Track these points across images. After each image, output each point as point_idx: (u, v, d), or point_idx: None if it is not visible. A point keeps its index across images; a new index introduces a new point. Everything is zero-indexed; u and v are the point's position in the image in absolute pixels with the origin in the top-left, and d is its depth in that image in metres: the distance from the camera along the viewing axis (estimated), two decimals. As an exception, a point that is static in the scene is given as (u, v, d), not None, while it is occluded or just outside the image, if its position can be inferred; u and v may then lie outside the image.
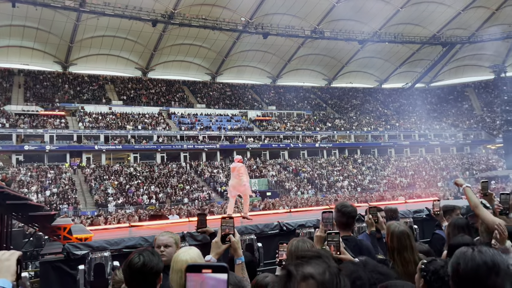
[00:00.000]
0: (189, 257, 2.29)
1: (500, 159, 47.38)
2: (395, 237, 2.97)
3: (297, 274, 1.13)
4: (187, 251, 2.37)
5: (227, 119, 46.63)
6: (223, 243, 2.52)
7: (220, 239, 2.52)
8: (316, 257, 1.18)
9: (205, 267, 1.06)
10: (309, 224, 5.83)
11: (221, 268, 1.05)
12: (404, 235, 2.97)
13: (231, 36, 47.76)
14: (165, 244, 3.07)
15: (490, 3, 48.54)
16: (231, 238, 2.51)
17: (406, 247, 2.90)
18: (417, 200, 15.05)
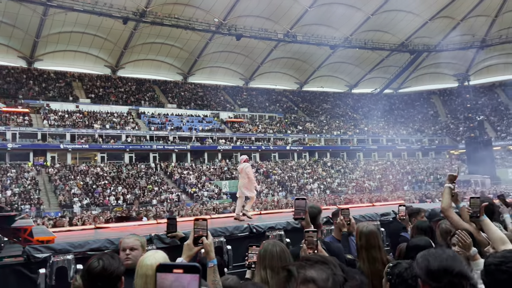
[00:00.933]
0: (155, 262, 2.22)
1: (462, 164, 49.23)
2: (363, 236, 3.05)
3: (298, 276, 1.09)
4: (152, 255, 2.29)
5: (199, 120, 46.27)
6: (196, 246, 2.47)
7: (192, 241, 2.47)
8: (321, 262, 1.13)
9: (176, 267, 1.03)
10: (279, 226, 5.82)
11: (192, 268, 1.03)
12: (372, 234, 3.05)
13: (203, 36, 47.48)
14: (130, 247, 2.99)
15: (455, 14, 50.45)
16: (204, 240, 2.46)
17: (374, 246, 2.98)
18: (384, 203, 15.35)
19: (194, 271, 1.03)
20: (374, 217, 6.82)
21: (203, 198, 33.10)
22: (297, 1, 44.71)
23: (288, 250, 2.67)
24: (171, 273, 1.03)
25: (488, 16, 51.14)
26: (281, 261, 2.51)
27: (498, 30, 52.61)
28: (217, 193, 35.07)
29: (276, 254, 2.57)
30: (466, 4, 48.99)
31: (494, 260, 1.92)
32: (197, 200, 32.26)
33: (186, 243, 2.51)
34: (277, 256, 2.55)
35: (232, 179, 38.90)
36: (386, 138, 53.34)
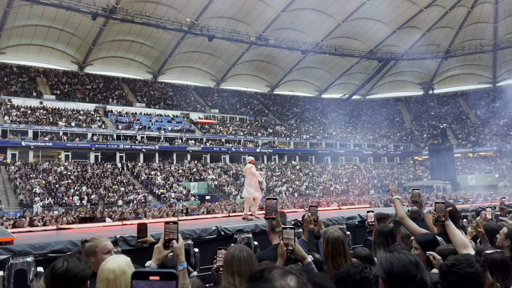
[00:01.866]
0: (116, 266, 2.14)
1: (426, 170, 50.97)
2: (330, 243, 3.05)
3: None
4: (115, 259, 2.23)
5: (168, 120, 45.68)
6: (166, 249, 2.45)
7: (162, 245, 2.45)
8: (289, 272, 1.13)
9: (152, 274, 1.01)
10: (247, 229, 5.83)
11: (169, 275, 1.01)
12: (338, 241, 3.05)
13: (175, 35, 46.95)
14: (110, 249, 2.97)
15: (421, 25, 52.24)
16: (174, 243, 2.44)
17: (340, 252, 2.98)
18: (351, 207, 15.67)
19: (171, 278, 1.01)
20: (340, 220, 6.95)
21: (171, 199, 32.67)
22: (269, 5, 45.00)
23: (254, 256, 2.65)
24: (147, 280, 1.00)
25: (452, 28, 53.26)
26: (249, 266, 2.49)
27: (461, 42, 54.88)
28: (185, 195, 34.72)
29: (244, 259, 2.55)
30: (431, 16, 50.83)
31: (447, 263, 2.06)
32: (164, 201, 31.80)
33: (156, 246, 2.49)
34: (245, 262, 2.53)
35: (201, 180, 38.65)
36: (353, 143, 54.47)
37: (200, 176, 39.50)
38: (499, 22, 51.57)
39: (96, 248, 2.93)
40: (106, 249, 2.96)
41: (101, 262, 2.74)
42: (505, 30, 51.93)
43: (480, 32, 52.93)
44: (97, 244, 2.96)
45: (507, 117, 54.60)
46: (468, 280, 1.97)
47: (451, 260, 2.06)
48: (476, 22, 52.02)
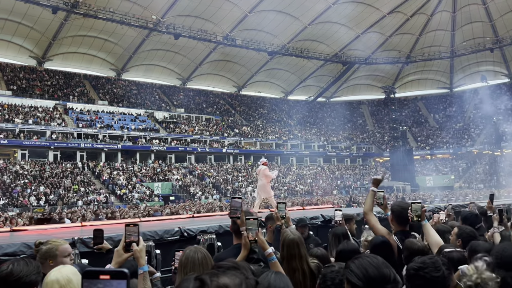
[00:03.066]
0: (61, 276, 2.06)
1: (387, 171, 52.50)
2: (285, 245, 3.00)
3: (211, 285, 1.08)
4: (58, 269, 2.13)
5: (131, 119, 44.67)
6: (126, 252, 2.39)
7: (122, 248, 2.40)
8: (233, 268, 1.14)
9: (103, 272, 1.00)
10: (211, 230, 5.77)
11: (120, 274, 1.00)
12: (292, 244, 2.99)
13: (140, 33, 45.95)
14: (70, 252, 2.87)
15: (384, 30, 53.85)
16: (134, 246, 2.38)
17: (294, 255, 2.93)
18: (314, 207, 15.88)
19: (121, 277, 1.00)
20: (304, 221, 7.02)
21: (134, 200, 31.96)
22: (237, 6, 44.97)
23: (210, 257, 2.63)
24: (98, 279, 0.99)
25: (413, 34, 55.25)
26: (203, 268, 2.47)
27: (421, 48, 57.03)
28: (149, 195, 34.07)
29: (198, 260, 2.53)
30: (394, 22, 52.52)
31: (414, 266, 2.03)
32: (127, 202, 31.06)
33: (116, 250, 2.43)
34: (199, 263, 2.50)
35: (165, 180, 38.05)
36: (317, 144, 55.37)
37: (164, 176, 38.88)
38: (456, 30, 54.00)
39: (56, 251, 2.80)
40: (66, 252, 2.85)
41: None
42: (461, 38, 54.43)
43: (438, 39, 55.21)
44: (57, 246, 2.83)
45: (462, 121, 57.28)
46: (435, 284, 1.98)
47: (418, 263, 2.04)
48: (435, 30, 54.23)
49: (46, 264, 2.69)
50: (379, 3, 48.56)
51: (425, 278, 1.97)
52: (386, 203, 4.10)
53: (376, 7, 49.33)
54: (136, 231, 2.43)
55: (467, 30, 53.04)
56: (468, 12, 50.90)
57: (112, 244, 4.22)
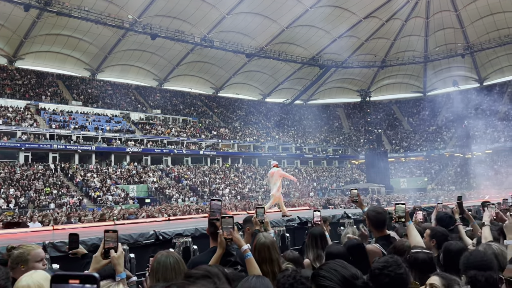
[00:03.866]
0: (31, 281, 2.00)
1: (362, 173, 53.35)
2: (256, 249, 3.03)
3: None
4: (29, 275, 2.07)
5: (106, 120, 43.83)
6: (105, 258, 2.37)
7: (101, 254, 2.37)
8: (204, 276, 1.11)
9: (72, 277, 0.99)
10: (187, 233, 5.69)
11: (90, 278, 0.99)
12: (263, 248, 3.02)
13: (116, 32, 45.17)
14: (42, 257, 2.81)
15: (360, 34, 54.77)
16: (112, 253, 2.37)
17: (265, 259, 2.96)
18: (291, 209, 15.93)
19: (91, 282, 0.98)
20: (280, 222, 7.03)
21: (108, 202, 31.33)
22: (215, 7, 44.83)
23: (182, 262, 2.59)
24: (67, 283, 0.98)
25: (388, 39, 56.40)
26: (175, 273, 2.44)
27: (396, 53, 58.28)
28: (124, 198, 33.47)
29: (170, 265, 2.48)
30: (370, 27, 53.48)
31: (378, 265, 2.11)
32: (101, 204, 30.42)
33: (94, 256, 2.41)
34: (171, 268, 2.46)
35: (140, 183, 37.48)
36: (295, 146, 55.73)
37: (139, 179, 38.30)
38: (429, 36, 55.46)
39: (27, 256, 2.73)
40: (38, 257, 2.78)
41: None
42: (434, 44, 55.93)
43: (412, 44, 56.56)
44: (29, 251, 2.76)
45: (435, 124, 58.82)
46: (399, 281, 2.05)
47: (381, 262, 2.12)
48: (409, 35, 55.53)
49: (17, 269, 2.64)
50: (355, 7, 49.36)
51: (390, 276, 2.04)
52: (360, 200, 4.19)
53: (353, 11, 50.12)
54: (115, 237, 2.42)
55: (439, 36, 54.54)
56: (441, 19, 52.37)
57: (86, 248, 4.11)
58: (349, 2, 48.09)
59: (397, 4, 50.44)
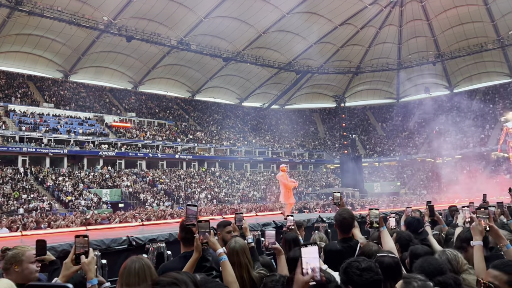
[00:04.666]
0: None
1: (337, 177, 54.02)
2: (226, 254, 3.04)
3: None
4: None
5: (79, 122, 42.85)
6: (76, 264, 2.33)
7: (71, 260, 2.34)
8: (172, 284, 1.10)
9: (45, 287, 0.99)
10: (160, 238, 5.61)
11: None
12: (233, 252, 3.07)
13: (90, 33, 44.31)
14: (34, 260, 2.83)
15: (336, 41, 55.63)
16: (83, 259, 2.34)
17: (234, 263, 2.98)
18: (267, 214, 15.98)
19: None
20: (256, 227, 7.02)
21: (80, 207, 30.58)
22: (192, 10, 44.64)
23: (151, 267, 2.55)
24: None
25: (362, 46, 57.49)
26: (138, 278, 2.41)
27: (370, 60, 59.47)
28: (96, 202, 32.74)
29: (134, 271, 2.44)
30: (345, 33, 54.41)
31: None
32: (73, 209, 29.65)
33: (65, 262, 2.37)
34: (135, 273, 2.43)
35: (114, 187, 36.78)
36: (271, 150, 55.96)
37: (113, 183, 37.58)
38: (403, 44, 56.89)
39: (22, 257, 2.75)
40: (32, 258, 2.80)
41: (26, 272, 2.62)
42: (407, 51, 57.38)
43: (386, 52, 57.86)
44: (23, 252, 2.78)
45: (407, 130, 60.25)
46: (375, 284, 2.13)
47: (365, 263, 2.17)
48: (383, 42, 56.80)
49: (11, 270, 2.68)
50: (331, 14, 50.14)
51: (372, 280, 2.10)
52: (343, 202, 4.39)
53: (328, 18, 50.89)
54: (85, 242, 2.41)
55: (412, 43, 56.01)
56: (413, 27, 53.83)
57: (55, 255, 3.99)
58: (325, 9, 48.81)
59: (372, 12, 51.58)
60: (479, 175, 45.73)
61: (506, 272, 2.17)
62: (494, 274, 2.20)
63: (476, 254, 2.87)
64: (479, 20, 50.18)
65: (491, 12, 48.95)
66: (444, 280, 2.45)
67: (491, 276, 2.21)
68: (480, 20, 50.17)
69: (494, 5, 47.89)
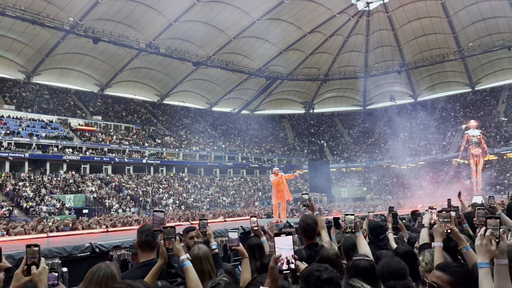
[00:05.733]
0: None
1: (305, 182, 54.58)
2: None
3: None
4: None
5: (42, 125, 41.36)
6: (27, 275, 2.24)
7: (22, 271, 2.25)
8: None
9: None
10: (125, 245, 5.47)
11: None
12: (196, 259, 3.05)
13: (55, 34, 42.93)
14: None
15: (305, 48, 56.47)
16: (33, 269, 2.24)
17: (197, 270, 2.94)
18: (236, 219, 15.94)
19: None
20: (223, 232, 6.98)
21: (42, 213, 29.43)
22: (161, 14, 44.16)
23: (115, 276, 2.47)
24: None
25: (331, 54, 58.64)
26: (100, 286, 2.36)
27: (338, 67, 60.69)
28: (59, 208, 31.61)
29: (97, 279, 2.39)
30: (314, 41, 55.33)
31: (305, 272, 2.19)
32: (33, 215, 28.49)
33: (15, 273, 2.29)
34: (96, 282, 2.39)
35: (78, 192, 35.67)
36: (241, 156, 55.93)
37: (77, 188, 36.43)
38: (370, 52, 58.43)
39: None
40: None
41: None
42: (374, 60, 58.97)
43: (354, 60, 59.25)
44: None
45: (373, 136, 61.81)
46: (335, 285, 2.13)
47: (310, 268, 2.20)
48: (351, 51, 58.16)
49: None
50: (300, 22, 50.89)
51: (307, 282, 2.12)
52: (311, 204, 4.39)
53: (298, 26, 51.62)
54: (36, 252, 2.32)
55: (378, 52, 57.64)
56: (380, 37, 55.44)
57: (13, 263, 3.82)
58: (294, 16, 49.50)
59: (340, 21, 52.75)
60: (441, 181, 47.48)
61: (448, 273, 2.30)
62: (438, 274, 2.34)
63: (436, 254, 2.98)
64: (441, 31, 52.31)
65: (452, 24, 51.16)
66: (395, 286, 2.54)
67: (435, 276, 2.34)
68: (442, 32, 52.31)
69: (455, 17, 50.11)
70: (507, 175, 44.90)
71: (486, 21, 49.31)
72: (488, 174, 39.26)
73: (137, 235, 3.24)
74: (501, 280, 2.07)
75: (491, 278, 2.11)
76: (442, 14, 50.18)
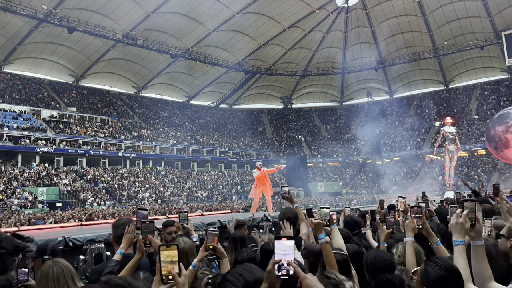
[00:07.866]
0: None
1: (283, 177, 54.93)
2: None
3: None
4: None
5: (14, 116, 40.10)
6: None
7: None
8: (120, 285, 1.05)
9: None
10: (99, 238, 5.39)
11: None
12: (182, 253, 3.01)
13: (28, 22, 41.55)
14: None
15: (284, 43, 56.59)
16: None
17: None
18: (213, 213, 15.93)
19: None
20: (200, 226, 6.96)
21: (13, 206, 28.63)
22: (139, 4, 43.33)
23: (71, 270, 2.42)
24: None
25: (310, 49, 58.98)
26: (58, 283, 2.30)
27: (317, 63, 61.14)
28: (31, 202, 30.82)
29: (52, 276, 2.32)
30: (293, 36, 55.51)
31: None
32: (4, 208, 27.68)
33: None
34: (53, 279, 2.32)
35: (51, 185, 34.84)
36: (219, 150, 55.75)
37: (50, 181, 35.57)
38: (347, 49, 59.06)
39: None
40: None
41: None
42: (351, 56, 59.65)
43: (332, 56, 59.77)
44: None
45: (350, 132, 62.67)
46: None
47: None
48: (330, 47, 58.64)
49: None
50: (280, 17, 50.91)
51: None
52: (291, 196, 4.54)
53: (278, 20, 51.64)
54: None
55: (356, 49, 58.31)
56: (358, 33, 56.08)
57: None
58: (274, 11, 49.47)
59: (319, 17, 53.06)
60: (415, 176, 48.63)
61: None
62: None
63: (408, 249, 3.05)
64: (417, 30, 53.35)
65: (428, 23, 52.25)
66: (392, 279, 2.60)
67: None
68: (418, 30, 53.36)
69: (431, 16, 51.18)
70: (477, 171, 46.39)
71: (460, 21, 50.60)
72: (459, 170, 40.46)
73: (112, 230, 3.20)
74: (478, 260, 2.15)
75: (465, 255, 2.18)
76: (419, 12, 51.17)
